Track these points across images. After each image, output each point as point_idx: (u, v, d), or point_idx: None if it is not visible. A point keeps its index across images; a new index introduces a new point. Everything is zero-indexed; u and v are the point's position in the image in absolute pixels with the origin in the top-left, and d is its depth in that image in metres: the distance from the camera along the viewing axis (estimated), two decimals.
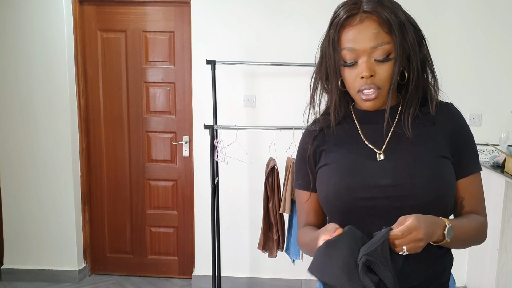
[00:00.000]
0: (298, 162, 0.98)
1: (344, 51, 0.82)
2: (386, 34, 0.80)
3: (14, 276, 2.84)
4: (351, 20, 0.82)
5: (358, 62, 0.81)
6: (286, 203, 2.15)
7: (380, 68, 0.81)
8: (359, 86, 0.82)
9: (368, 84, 0.81)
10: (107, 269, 3.01)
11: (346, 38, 0.82)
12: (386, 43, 0.80)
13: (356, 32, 0.80)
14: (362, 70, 0.80)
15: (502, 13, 2.53)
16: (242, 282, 2.81)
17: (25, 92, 2.71)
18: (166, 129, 2.87)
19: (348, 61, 0.82)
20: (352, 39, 0.81)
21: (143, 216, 2.95)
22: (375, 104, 0.85)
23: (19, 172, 2.77)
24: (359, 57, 0.81)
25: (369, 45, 0.79)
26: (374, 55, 0.80)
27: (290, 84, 2.65)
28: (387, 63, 0.81)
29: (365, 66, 0.80)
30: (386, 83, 0.82)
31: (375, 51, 0.80)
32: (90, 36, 2.81)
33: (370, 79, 0.81)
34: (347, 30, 0.82)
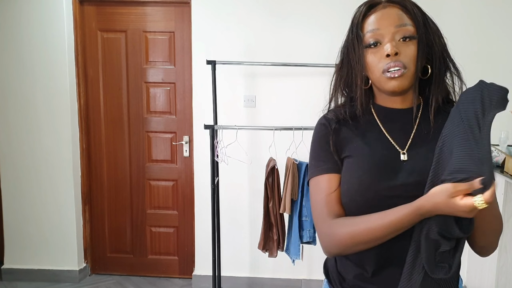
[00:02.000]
0: (319, 148, 0.91)
1: (367, 34, 0.83)
2: (409, 18, 0.82)
3: (15, 276, 2.84)
4: (373, 8, 0.84)
5: (382, 43, 0.82)
6: (286, 203, 2.15)
7: (405, 48, 0.81)
8: (384, 65, 0.81)
9: (394, 61, 0.80)
10: (108, 269, 3.01)
11: (369, 22, 0.83)
12: (409, 25, 0.81)
13: (379, 15, 0.83)
14: (387, 48, 0.80)
15: (500, 13, 2.53)
16: (242, 282, 2.81)
17: (26, 92, 2.71)
18: (167, 129, 2.87)
19: (371, 42, 0.83)
20: (375, 21, 0.82)
21: (143, 216, 2.95)
22: (400, 84, 0.82)
23: (20, 172, 2.78)
24: (383, 37, 0.82)
25: (393, 24, 0.81)
26: (397, 35, 0.81)
27: (290, 84, 2.65)
28: (412, 43, 0.81)
29: (390, 44, 0.80)
30: (411, 63, 0.81)
31: (398, 31, 0.81)
32: (90, 36, 2.81)
33: (395, 57, 0.80)
34: (369, 17, 0.84)
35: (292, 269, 2.70)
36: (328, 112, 0.95)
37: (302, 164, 2.18)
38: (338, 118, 0.90)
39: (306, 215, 2.20)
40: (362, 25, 0.84)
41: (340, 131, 0.90)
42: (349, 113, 0.90)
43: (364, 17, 0.84)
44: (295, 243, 2.21)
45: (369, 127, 0.89)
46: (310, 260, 2.73)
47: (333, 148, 0.88)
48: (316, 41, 2.58)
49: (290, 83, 2.65)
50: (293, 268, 2.67)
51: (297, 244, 2.21)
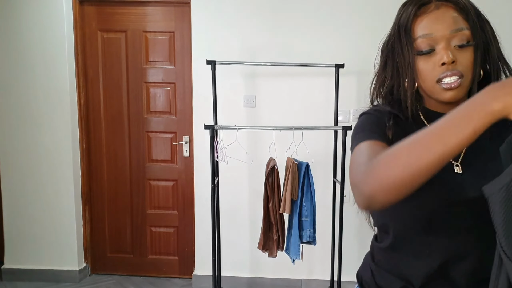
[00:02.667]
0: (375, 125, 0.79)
1: (419, 39, 0.74)
2: (464, 20, 0.73)
3: (15, 276, 2.84)
4: (424, 9, 0.74)
5: (436, 49, 0.74)
6: (286, 203, 2.15)
7: (461, 55, 0.72)
8: (439, 74, 0.73)
9: (451, 70, 0.72)
10: (108, 269, 3.01)
11: (421, 26, 0.74)
12: (465, 29, 0.72)
13: (432, 18, 0.73)
14: (442, 56, 0.72)
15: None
16: (242, 282, 2.81)
17: (26, 92, 2.71)
18: (167, 129, 2.87)
19: (424, 49, 0.74)
20: (428, 25, 0.73)
21: (143, 216, 2.95)
22: (458, 94, 0.74)
23: (20, 172, 2.78)
24: (437, 43, 0.73)
25: (448, 29, 0.72)
26: (453, 41, 0.73)
27: (290, 84, 2.65)
28: (468, 50, 0.73)
29: (446, 51, 0.72)
30: (468, 71, 0.73)
31: (454, 37, 0.72)
32: (90, 36, 2.81)
33: (452, 65, 0.72)
34: (421, 18, 0.75)
35: (292, 269, 2.70)
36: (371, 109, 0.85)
37: (302, 164, 2.18)
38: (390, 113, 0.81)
39: (306, 215, 2.20)
40: (411, 27, 0.75)
41: (397, 127, 0.80)
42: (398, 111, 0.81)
43: (413, 17, 0.75)
44: (295, 243, 2.21)
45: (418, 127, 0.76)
46: (310, 260, 2.73)
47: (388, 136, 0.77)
48: (316, 41, 2.58)
49: (290, 83, 2.65)
50: (293, 268, 2.67)
51: (297, 244, 2.21)
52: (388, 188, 0.57)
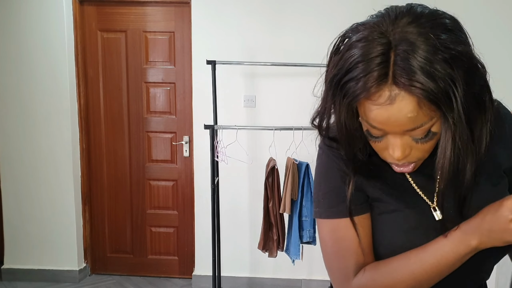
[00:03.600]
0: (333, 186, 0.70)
1: (368, 125, 0.59)
2: (428, 111, 0.54)
3: (15, 276, 2.84)
4: (375, 94, 0.54)
5: (388, 137, 0.59)
6: (286, 203, 2.15)
7: (419, 146, 0.59)
8: (389, 160, 0.63)
9: (401, 163, 0.61)
10: (108, 269, 3.01)
11: (370, 115, 0.56)
12: (427, 122, 0.55)
13: (384, 114, 0.55)
14: (393, 150, 0.59)
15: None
16: (242, 282, 2.81)
17: (26, 92, 2.71)
18: (167, 129, 2.87)
19: (375, 135, 0.60)
20: (378, 120, 0.56)
21: (143, 216, 2.95)
22: (412, 170, 0.64)
23: (20, 172, 2.77)
24: (389, 133, 0.59)
25: (403, 129, 0.56)
26: (410, 134, 0.57)
27: (290, 84, 2.65)
28: (429, 141, 0.58)
29: (399, 147, 0.58)
30: (425, 155, 0.61)
31: (411, 132, 0.57)
32: (90, 36, 2.81)
33: (404, 159, 0.60)
34: (370, 104, 0.55)
35: (292, 269, 2.70)
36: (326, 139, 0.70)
37: (302, 164, 2.18)
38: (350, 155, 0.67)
39: (306, 215, 2.20)
40: (357, 104, 0.57)
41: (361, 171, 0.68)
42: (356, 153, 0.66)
43: (359, 96, 0.54)
44: (295, 243, 2.21)
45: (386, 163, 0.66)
46: (310, 260, 2.73)
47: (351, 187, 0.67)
48: (316, 41, 2.58)
49: (290, 83, 2.65)
50: (293, 268, 2.67)
51: (297, 244, 2.21)
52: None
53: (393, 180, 0.68)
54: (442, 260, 0.60)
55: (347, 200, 0.66)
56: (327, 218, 0.70)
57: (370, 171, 0.68)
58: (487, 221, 0.56)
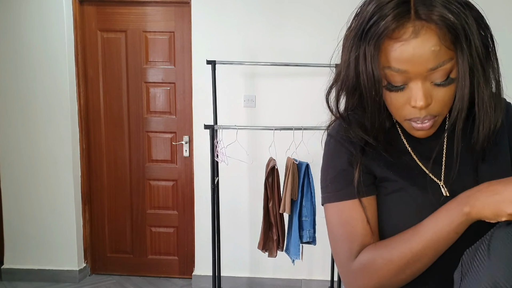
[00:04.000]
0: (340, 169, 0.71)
1: (390, 71, 0.60)
2: (448, 49, 0.57)
3: (15, 276, 2.84)
4: (400, 31, 0.57)
5: (409, 86, 0.60)
6: (286, 203, 2.15)
7: (439, 93, 0.60)
8: (409, 115, 0.63)
9: (423, 116, 0.62)
10: (108, 269, 3.01)
11: (394, 55, 0.58)
12: (447, 61, 0.58)
13: (408, 49, 0.57)
14: (416, 99, 0.60)
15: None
16: (242, 282, 2.81)
17: (26, 92, 2.71)
18: (166, 129, 2.87)
19: (396, 84, 0.61)
20: (402, 58, 0.58)
21: (143, 216, 2.95)
22: (429, 133, 0.65)
23: (20, 172, 2.77)
24: (410, 80, 0.60)
25: (426, 68, 0.57)
26: (431, 78, 0.59)
27: (290, 84, 2.65)
28: (448, 86, 0.60)
29: (421, 93, 0.59)
30: (445, 108, 0.63)
31: (433, 73, 0.58)
32: (90, 36, 2.81)
33: (425, 110, 0.61)
34: (394, 44, 0.58)
35: (292, 269, 2.70)
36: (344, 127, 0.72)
37: (302, 164, 2.18)
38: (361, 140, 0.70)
39: (306, 215, 2.20)
40: (380, 47, 0.59)
41: (369, 155, 0.71)
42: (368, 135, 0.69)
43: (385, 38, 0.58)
44: (295, 243, 2.21)
45: (397, 148, 0.71)
46: (310, 260, 2.72)
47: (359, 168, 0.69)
48: (316, 41, 2.58)
49: (290, 83, 2.65)
50: (293, 268, 2.67)
51: (297, 244, 2.21)
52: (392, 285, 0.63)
53: (400, 160, 0.70)
54: (438, 232, 0.59)
55: (354, 181, 0.68)
56: (334, 201, 0.70)
57: (379, 153, 0.70)
58: (484, 190, 0.55)
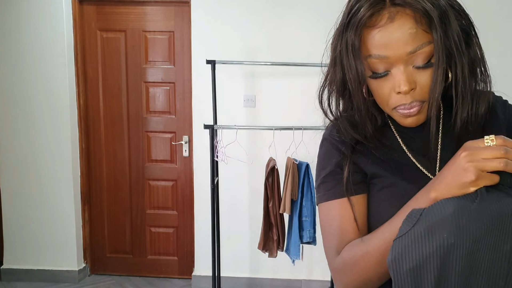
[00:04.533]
0: (331, 170, 0.73)
1: (372, 59, 0.62)
2: (425, 32, 0.59)
3: (14, 276, 2.83)
4: (376, 19, 0.60)
5: (392, 72, 0.62)
6: (286, 203, 2.14)
7: (422, 78, 0.61)
8: (395, 103, 0.64)
9: (409, 102, 0.62)
10: (107, 269, 3.00)
11: (373, 42, 0.61)
12: (426, 44, 0.59)
13: (386, 34, 0.59)
14: (399, 84, 0.61)
15: None
16: (242, 282, 2.81)
17: (25, 92, 2.71)
18: (166, 129, 2.86)
19: (379, 71, 0.63)
20: (381, 44, 0.60)
21: (143, 216, 2.95)
22: (419, 119, 0.65)
23: (19, 172, 2.77)
24: (392, 65, 0.61)
25: (406, 49, 0.59)
26: (412, 62, 0.61)
27: (290, 84, 2.65)
28: (430, 69, 0.61)
29: (404, 78, 0.60)
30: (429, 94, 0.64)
31: (413, 57, 0.60)
32: (90, 36, 2.81)
33: (410, 94, 0.62)
34: (372, 32, 0.61)
35: (292, 269, 2.69)
36: (335, 128, 0.75)
37: (302, 164, 2.18)
38: (351, 138, 0.72)
39: (306, 215, 2.19)
40: (361, 39, 0.62)
41: (359, 153, 0.72)
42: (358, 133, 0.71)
43: (363, 28, 0.61)
44: (295, 243, 2.20)
45: (389, 143, 0.72)
46: (310, 260, 2.72)
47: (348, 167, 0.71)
48: (316, 41, 2.58)
49: (290, 83, 2.64)
50: (293, 268, 2.66)
51: (297, 244, 2.20)
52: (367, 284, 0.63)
53: (392, 156, 0.70)
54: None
55: (343, 180, 0.70)
56: (325, 201, 0.72)
57: (369, 150, 0.71)
58: (444, 170, 0.55)
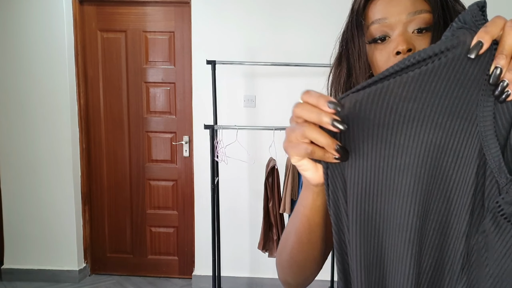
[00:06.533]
0: None
1: (373, 25, 0.63)
2: (424, 1, 0.61)
3: (14, 276, 2.84)
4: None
5: (391, 37, 0.63)
6: (286, 203, 2.15)
7: (420, 42, 0.62)
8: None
9: None
10: (107, 269, 3.01)
11: (375, 10, 0.63)
12: (425, 11, 0.61)
13: (387, 0, 0.62)
14: (397, 44, 0.61)
15: None
16: (242, 282, 2.81)
17: (26, 92, 2.71)
18: (166, 129, 2.87)
19: (377, 35, 0.63)
20: (382, 9, 0.62)
21: (143, 216, 2.95)
22: None
23: (20, 172, 2.77)
24: (392, 29, 0.62)
25: (405, 13, 0.61)
26: (410, 26, 0.62)
27: (290, 84, 2.65)
28: (428, 36, 0.62)
29: (402, 38, 0.61)
30: None
31: (412, 21, 0.61)
32: (90, 36, 2.81)
33: (408, 54, 0.61)
34: (375, 1, 0.64)
35: None
36: None
37: None
38: None
39: None
40: (365, 12, 0.65)
41: None
42: None
43: (367, 1, 0.64)
44: None
45: None
46: None
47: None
48: (316, 41, 2.58)
49: (290, 83, 2.65)
50: None
51: None
52: (287, 273, 0.66)
53: None
54: (302, 200, 0.58)
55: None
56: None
57: None
58: None
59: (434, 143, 0.45)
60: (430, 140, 0.45)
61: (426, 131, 0.45)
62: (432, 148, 0.45)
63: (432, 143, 0.45)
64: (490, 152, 0.43)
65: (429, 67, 0.43)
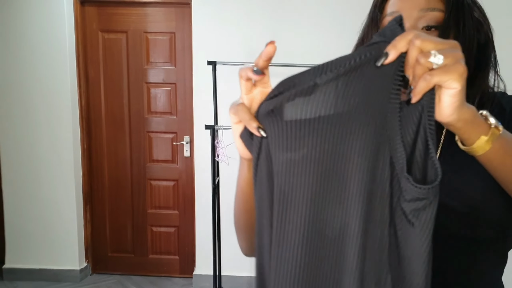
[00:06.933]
0: None
1: (386, 18, 0.66)
2: (440, 1, 0.63)
3: (16, 275, 2.85)
4: None
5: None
6: None
7: None
8: None
9: None
10: (109, 269, 3.02)
11: (391, 3, 0.66)
12: (437, 10, 0.62)
13: None
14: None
15: None
16: (243, 282, 2.82)
17: (27, 92, 2.72)
18: (167, 129, 2.88)
19: None
20: (397, 2, 0.65)
21: (144, 216, 2.96)
22: None
23: (21, 171, 2.78)
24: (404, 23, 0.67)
25: (417, 8, 0.62)
26: (421, 22, 0.63)
27: None
28: (435, 34, 0.62)
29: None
30: None
31: (422, 18, 0.62)
32: (91, 37, 2.82)
33: None
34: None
35: None
36: None
37: None
38: None
39: None
40: (383, 5, 0.67)
41: None
42: None
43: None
44: None
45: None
46: None
47: None
48: (316, 41, 2.59)
49: None
50: None
51: None
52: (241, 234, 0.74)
53: None
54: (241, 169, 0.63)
55: None
56: None
57: None
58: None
59: (327, 149, 0.47)
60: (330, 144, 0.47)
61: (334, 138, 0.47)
62: (324, 152, 0.47)
63: (326, 149, 0.47)
64: (396, 155, 0.46)
65: (341, 77, 0.46)
